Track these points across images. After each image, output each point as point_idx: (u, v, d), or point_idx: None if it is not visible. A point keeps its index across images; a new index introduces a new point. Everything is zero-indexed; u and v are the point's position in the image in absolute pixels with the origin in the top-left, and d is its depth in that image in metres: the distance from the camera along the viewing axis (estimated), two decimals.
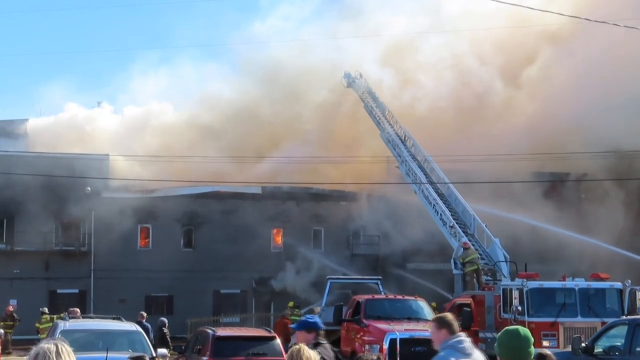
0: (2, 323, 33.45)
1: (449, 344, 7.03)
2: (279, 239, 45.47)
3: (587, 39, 41.59)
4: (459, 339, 7.06)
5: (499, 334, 5.19)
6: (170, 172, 42.85)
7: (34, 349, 4.65)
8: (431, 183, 36.27)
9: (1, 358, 28.92)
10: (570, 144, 38.86)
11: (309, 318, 8.23)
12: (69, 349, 4.66)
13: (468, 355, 6.92)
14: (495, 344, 5.20)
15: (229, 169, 44.47)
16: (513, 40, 46.79)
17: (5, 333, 33.05)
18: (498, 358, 5.19)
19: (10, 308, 35.07)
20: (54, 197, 41.44)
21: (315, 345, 7.98)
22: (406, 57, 48.70)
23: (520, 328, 5.25)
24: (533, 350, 5.16)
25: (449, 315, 7.38)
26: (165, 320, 28.40)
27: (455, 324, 7.16)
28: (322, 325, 8.14)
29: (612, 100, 39.75)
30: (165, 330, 27.51)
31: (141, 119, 51.19)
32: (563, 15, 26.24)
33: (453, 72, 46.94)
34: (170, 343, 26.23)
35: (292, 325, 8.42)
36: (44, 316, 32.12)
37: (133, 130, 49.26)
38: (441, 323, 7.18)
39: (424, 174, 37.10)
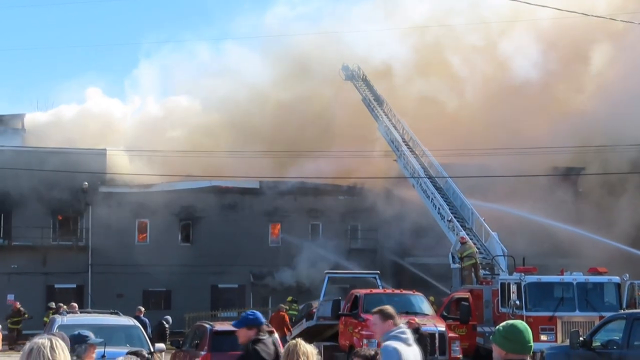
0: (9, 319, 33.42)
1: (393, 334, 7.23)
2: (276, 234, 45.47)
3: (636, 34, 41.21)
4: (402, 329, 7.32)
5: (503, 326, 5.17)
6: (169, 166, 42.84)
7: (27, 345, 4.62)
8: (429, 177, 36.27)
9: None
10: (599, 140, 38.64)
11: (249, 314, 8.21)
12: (63, 344, 4.64)
13: (410, 345, 7.20)
14: (497, 337, 5.15)
15: (228, 163, 44.39)
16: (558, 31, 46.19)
17: (13, 329, 33.08)
18: (502, 351, 5.13)
19: (18, 304, 34.83)
20: (51, 192, 41.40)
21: (255, 342, 7.97)
22: (431, 42, 48.09)
23: (524, 322, 5.31)
24: None
25: (389, 308, 7.55)
26: (169, 318, 28.25)
27: (397, 316, 7.42)
28: (263, 321, 8.19)
29: None
30: (167, 325, 27.40)
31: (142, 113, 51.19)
32: (586, 15, 26.01)
33: (483, 61, 46.50)
34: (167, 337, 26.22)
35: (232, 323, 8.44)
36: (52, 311, 32.04)
37: (135, 124, 49.23)
38: (386, 315, 7.39)
39: (422, 168, 37.11)
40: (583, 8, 26.26)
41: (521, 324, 5.21)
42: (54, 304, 33.35)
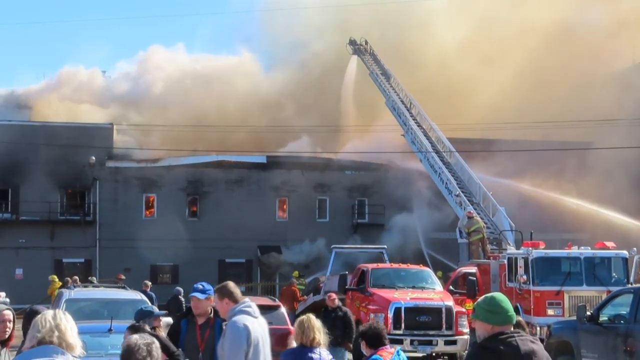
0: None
1: (239, 309, 7.29)
2: (283, 209, 45.49)
3: None
4: (247, 303, 7.38)
5: (483, 301, 5.10)
6: (175, 140, 42.83)
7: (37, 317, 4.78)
8: (437, 152, 36.18)
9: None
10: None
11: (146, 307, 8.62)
12: (69, 316, 4.71)
13: (256, 317, 7.31)
14: (480, 312, 5.08)
15: (234, 137, 44.37)
16: None
17: None
18: (487, 326, 5.06)
19: (122, 276, 33.86)
20: (58, 167, 41.49)
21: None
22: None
23: (500, 293, 5.26)
24: None
25: (230, 284, 7.56)
26: (181, 289, 28.10)
27: (237, 292, 7.45)
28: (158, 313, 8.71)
29: None
30: (183, 299, 27.18)
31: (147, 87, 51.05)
32: None
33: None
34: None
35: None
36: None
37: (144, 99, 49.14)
38: (222, 293, 7.45)
39: (430, 142, 37.03)
40: None
41: (500, 294, 5.17)
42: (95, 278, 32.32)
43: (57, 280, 31.18)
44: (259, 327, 7.27)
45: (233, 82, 49.54)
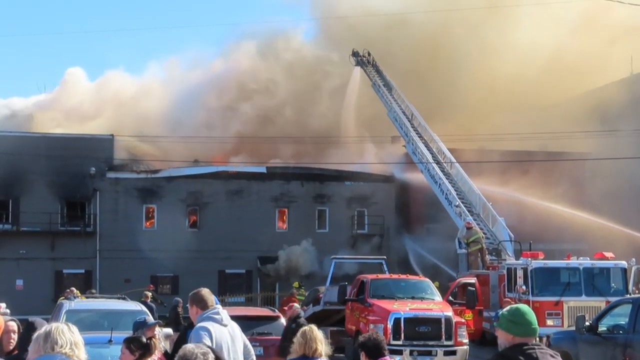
0: None
1: (206, 315, 7.38)
2: (283, 219, 45.52)
3: None
4: (216, 310, 7.46)
5: (508, 311, 5.17)
6: (175, 151, 42.91)
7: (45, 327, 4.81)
8: (437, 163, 36.25)
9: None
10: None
11: (140, 318, 8.65)
12: (75, 328, 4.77)
13: (225, 325, 7.33)
14: (503, 322, 5.14)
15: (234, 148, 44.44)
16: None
17: None
18: (509, 336, 5.13)
19: (151, 287, 33.53)
20: (59, 178, 41.56)
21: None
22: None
23: (526, 305, 5.32)
24: None
25: (201, 291, 7.65)
26: (180, 300, 28.10)
27: (208, 299, 7.50)
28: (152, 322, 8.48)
29: None
30: (180, 310, 27.20)
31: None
32: None
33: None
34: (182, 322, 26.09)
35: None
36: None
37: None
38: (191, 300, 7.57)
39: (431, 153, 37.11)
40: None
41: (525, 306, 5.22)
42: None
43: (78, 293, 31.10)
44: (225, 335, 7.26)
45: (232, 90, 49.67)
